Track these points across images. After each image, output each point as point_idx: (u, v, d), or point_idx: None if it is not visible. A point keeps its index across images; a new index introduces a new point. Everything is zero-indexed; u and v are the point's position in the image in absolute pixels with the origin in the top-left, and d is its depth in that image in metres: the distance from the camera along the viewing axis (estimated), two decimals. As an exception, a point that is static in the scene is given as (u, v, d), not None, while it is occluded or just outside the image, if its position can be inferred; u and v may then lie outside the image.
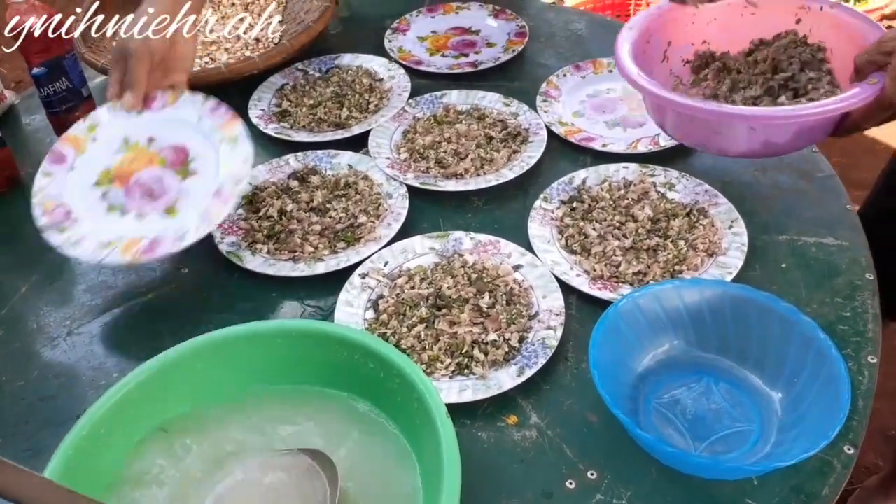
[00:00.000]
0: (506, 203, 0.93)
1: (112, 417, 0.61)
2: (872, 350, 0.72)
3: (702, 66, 0.92)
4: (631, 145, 0.96)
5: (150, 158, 0.87)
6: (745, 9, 0.91)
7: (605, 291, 0.78)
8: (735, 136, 0.80)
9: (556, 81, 1.09)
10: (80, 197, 0.86)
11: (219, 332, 0.66)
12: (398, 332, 0.76)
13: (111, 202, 0.86)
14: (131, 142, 0.89)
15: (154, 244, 0.80)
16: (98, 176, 0.88)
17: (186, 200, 0.84)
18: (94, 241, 0.81)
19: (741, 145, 0.80)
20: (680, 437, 0.66)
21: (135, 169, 0.87)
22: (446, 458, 0.54)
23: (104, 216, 0.84)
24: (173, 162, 0.87)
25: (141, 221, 0.83)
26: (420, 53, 1.20)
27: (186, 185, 0.85)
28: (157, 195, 0.85)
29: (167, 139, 0.88)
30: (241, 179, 0.83)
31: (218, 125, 0.88)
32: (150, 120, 0.90)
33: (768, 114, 0.76)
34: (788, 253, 0.82)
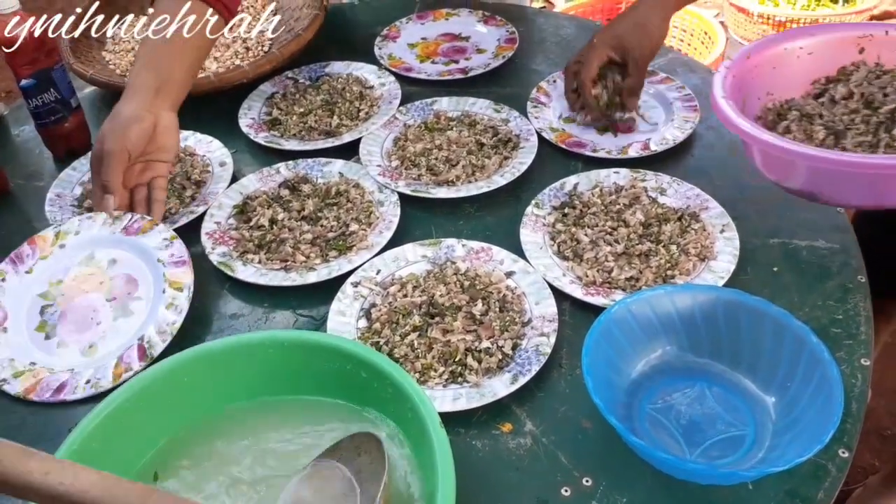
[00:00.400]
0: (498, 210, 0.93)
1: (103, 432, 0.60)
2: (865, 353, 0.72)
3: (776, 119, 0.87)
4: (622, 150, 0.96)
5: (101, 283, 0.84)
6: (800, 49, 0.87)
7: (598, 297, 0.78)
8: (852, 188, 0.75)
9: (546, 87, 1.09)
10: (21, 304, 0.83)
11: (208, 345, 0.66)
12: (391, 341, 0.76)
13: (44, 319, 0.82)
14: (95, 258, 0.86)
15: (56, 388, 0.76)
16: (47, 287, 0.84)
17: (106, 344, 0.79)
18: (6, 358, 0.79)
19: (853, 196, 0.77)
20: (674, 442, 0.65)
21: (83, 290, 0.84)
22: (440, 468, 0.54)
23: (31, 333, 0.81)
24: (118, 295, 0.83)
25: (58, 352, 0.80)
26: (410, 60, 1.20)
27: (117, 324, 0.81)
28: (84, 329, 0.81)
29: (125, 266, 0.85)
30: (163, 337, 0.78)
31: (170, 272, 0.83)
32: (121, 241, 0.86)
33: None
34: (780, 257, 0.83)
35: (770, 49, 0.87)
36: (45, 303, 0.84)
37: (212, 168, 1.01)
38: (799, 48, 0.88)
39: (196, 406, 0.65)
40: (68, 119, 1.05)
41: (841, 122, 0.82)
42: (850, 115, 0.82)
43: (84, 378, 0.76)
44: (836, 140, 0.81)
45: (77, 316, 0.82)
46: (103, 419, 0.60)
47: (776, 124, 0.87)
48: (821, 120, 0.84)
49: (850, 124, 0.81)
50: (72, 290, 0.84)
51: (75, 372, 0.77)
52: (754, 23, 2.14)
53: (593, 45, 0.98)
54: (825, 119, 0.83)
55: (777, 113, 0.87)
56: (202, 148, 1.04)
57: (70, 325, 0.82)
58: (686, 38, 2.22)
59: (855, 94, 0.83)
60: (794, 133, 0.84)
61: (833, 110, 0.84)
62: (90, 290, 0.84)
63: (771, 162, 0.80)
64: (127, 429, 0.62)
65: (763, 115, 0.88)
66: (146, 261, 0.84)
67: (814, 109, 0.85)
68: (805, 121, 0.84)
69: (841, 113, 0.83)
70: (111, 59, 1.20)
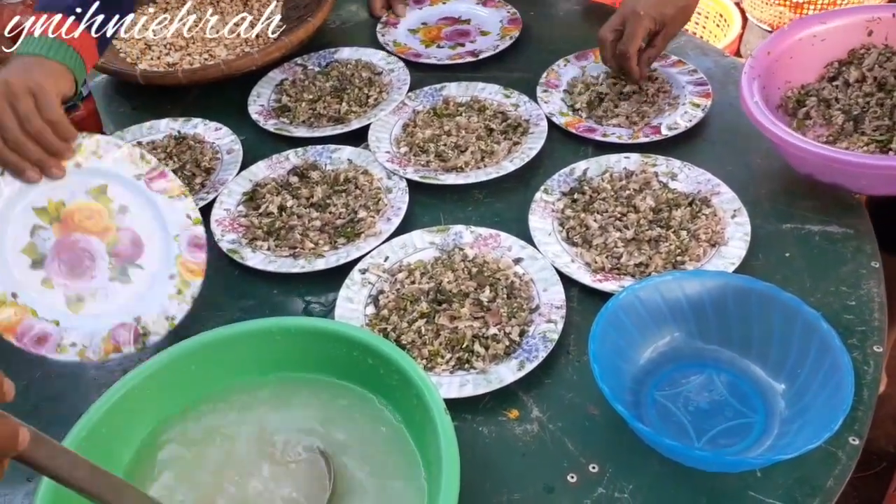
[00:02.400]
0: (506, 196, 0.92)
1: (112, 417, 0.61)
2: (878, 339, 0.71)
3: (795, 106, 0.91)
4: (633, 135, 0.95)
5: (106, 228, 0.75)
6: (814, 37, 0.91)
7: (607, 283, 0.77)
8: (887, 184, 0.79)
9: (557, 71, 1.08)
10: (11, 213, 0.73)
11: (217, 331, 0.67)
12: (399, 328, 0.76)
13: (34, 242, 0.73)
14: (107, 195, 0.76)
15: (39, 337, 0.71)
16: (46, 203, 0.74)
17: (96, 304, 0.73)
18: None
19: (886, 188, 0.81)
20: (682, 429, 0.65)
21: (84, 228, 0.75)
22: (445, 454, 0.54)
23: (16, 253, 0.73)
24: (120, 252, 0.75)
25: (41, 289, 0.72)
26: (416, 46, 1.19)
27: (112, 287, 0.74)
28: (76, 275, 0.74)
29: (136, 221, 0.77)
30: (159, 328, 0.73)
31: (184, 257, 0.77)
32: (140, 190, 0.77)
33: None
34: (792, 242, 0.81)
35: (787, 40, 0.91)
36: (38, 222, 0.74)
37: (221, 155, 1.01)
38: (812, 36, 0.90)
39: (202, 392, 0.66)
40: (80, 107, 1.05)
41: (857, 105, 0.85)
42: (865, 99, 0.85)
43: (70, 339, 0.72)
44: (855, 125, 0.83)
45: (71, 255, 0.74)
46: (109, 407, 0.61)
47: (796, 111, 0.90)
48: (838, 104, 0.87)
49: (865, 107, 0.85)
50: (72, 220, 0.75)
51: (61, 327, 0.72)
52: (771, 4, 2.10)
53: (639, 15, 0.95)
54: (842, 103, 0.86)
55: (796, 100, 0.90)
56: (211, 135, 1.04)
57: (61, 262, 0.74)
58: (700, 21, 2.19)
59: (868, 78, 0.86)
60: (814, 119, 0.87)
61: (848, 93, 0.87)
62: (92, 231, 0.75)
63: (805, 161, 0.82)
64: (133, 413, 0.62)
65: (783, 104, 0.91)
66: (160, 229, 0.77)
67: (830, 94, 0.88)
68: (823, 106, 0.87)
69: (856, 96, 0.86)
70: (122, 47, 1.20)
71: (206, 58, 1.17)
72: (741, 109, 0.87)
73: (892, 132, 0.82)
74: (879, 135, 0.83)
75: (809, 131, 0.88)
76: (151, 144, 1.04)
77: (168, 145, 1.03)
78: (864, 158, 0.76)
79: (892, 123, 0.83)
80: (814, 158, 0.78)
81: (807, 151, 0.77)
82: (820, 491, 0.60)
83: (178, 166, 0.99)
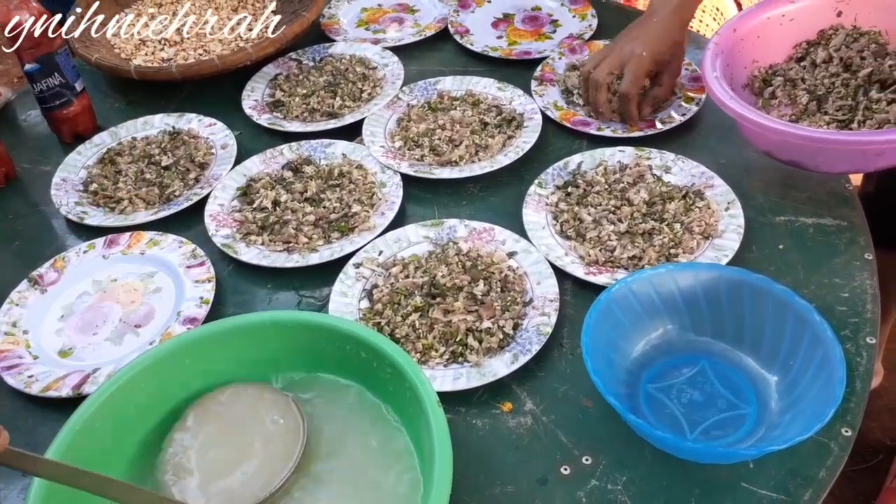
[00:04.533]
0: (501, 189, 0.92)
1: (104, 411, 0.61)
2: (871, 331, 0.71)
3: (762, 85, 0.91)
4: (627, 129, 0.95)
5: (134, 301, 0.83)
6: (782, 17, 0.90)
7: (600, 276, 0.77)
8: (844, 159, 0.79)
9: (551, 65, 1.08)
10: (83, 279, 0.85)
11: (210, 325, 0.67)
12: (393, 322, 0.76)
13: (74, 302, 0.83)
14: (152, 279, 0.85)
15: (12, 365, 0.76)
16: (104, 277, 0.85)
17: (80, 355, 0.78)
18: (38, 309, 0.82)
19: (844, 166, 0.81)
20: (675, 421, 0.65)
21: (118, 300, 0.83)
22: (437, 446, 0.55)
23: (55, 306, 0.83)
24: (130, 320, 0.81)
25: (52, 334, 0.80)
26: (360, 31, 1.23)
27: (103, 346, 0.79)
28: (84, 331, 0.80)
29: (160, 300, 0.82)
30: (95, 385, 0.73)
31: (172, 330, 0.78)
32: (176, 273, 0.84)
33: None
34: (786, 234, 0.82)
35: (754, 19, 0.90)
36: (88, 290, 0.85)
37: (215, 150, 1.01)
38: (781, 15, 0.90)
39: (195, 385, 0.66)
40: (73, 102, 1.05)
41: (822, 85, 0.85)
42: (831, 79, 0.85)
43: (31, 372, 0.76)
44: (819, 104, 0.85)
45: (92, 316, 0.82)
46: (102, 402, 0.61)
47: (762, 90, 0.90)
48: (804, 84, 0.87)
49: (830, 88, 0.85)
50: (113, 292, 0.84)
51: (37, 361, 0.77)
52: (768, -2, 2.11)
53: (641, 56, 0.91)
54: (808, 83, 0.87)
55: (763, 79, 0.90)
56: (205, 130, 1.04)
57: (80, 320, 0.82)
58: (696, 14, 2.18)
59: (834, 59, 0.86)
60: (779, 98, 0.88)
61: (815, 74, 0.87)
62: (122, 302, 0.83)
63: (763, 138, 0.82)
64: (126, 407, 0.62)
65: (749, 83, 0.91)
66: (173, 306, 0.81)
67: (797, 74, 0.88)
68: (789, 85, 0.88)
69: (822, 76, 0.86)
70: (116, 43, 1.20)
71: (200, 53, 1.17)
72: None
73: (854, 112, 0.82)
74: (842, 115, 0.83)
75: (774, 111, 0.88)
76: (146, 140, 1.04)
77: (162, 140, 1.03)
78: (817, 133, 0.75)
79: (854, 104, 0.83)
80: (770, 135, 0.77)
81: (763, 126, 0.76)
82: (812, 482, 0.61)
83: (172, 161, 0.99)
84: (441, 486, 0.52)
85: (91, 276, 0.86)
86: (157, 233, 0.89)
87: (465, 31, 1.17)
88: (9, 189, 1.02)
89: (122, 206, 0.94)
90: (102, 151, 1.03)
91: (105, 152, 1.03)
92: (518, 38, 1.17)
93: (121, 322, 0.81)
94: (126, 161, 1.00)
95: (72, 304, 0.84)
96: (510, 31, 1.18)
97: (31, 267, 0.87)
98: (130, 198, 0.95)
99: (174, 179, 0.97)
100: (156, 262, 0.86)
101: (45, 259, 0.88)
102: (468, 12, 1.22)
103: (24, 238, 0.94)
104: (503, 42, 1.16)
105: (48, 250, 0.91)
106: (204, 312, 0.79)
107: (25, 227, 0.96)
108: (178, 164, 0.99)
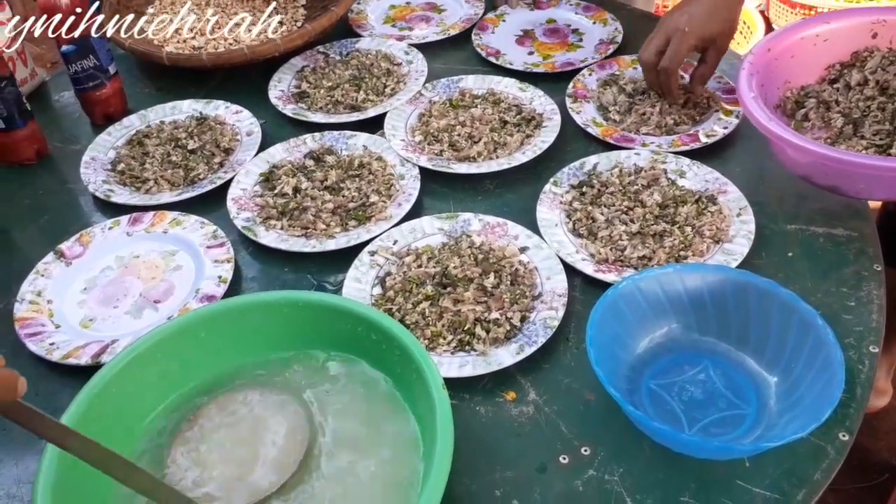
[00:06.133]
0: (517, 187, 0.94)
1: (121, 378, 0.63)
2: (874, 340, 0.72)
3: (794, 107, 0.90)
4: (672, 143, 0.95)
5: (153, 277, 0.85)
6: (816, 37, 0.89)
7: (609, 274, 0.78)
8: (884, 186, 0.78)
9: (583, 81, 1.07)
10: (108, 253, 0.88)
11: (227, 301, 0.69)
12: (403, 308, 0.77)
13: (96, 275, 0.86)
14: (173, 256, 0.87)
15: (35, 332, 0.79)
16: (126, 254, 0.88)
17: (100, 326, 0.80)
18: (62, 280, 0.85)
19: (884, 192, 0.80)
20: (675, 417, 0.66)
21: (139, 275, 0.86)
22: (440, 426, 0.56)
23: (79, 280, 0.86)
24: (150, 295, 0.83)
25: (74, 305, 0.83)
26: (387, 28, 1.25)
27: (122, 318, 0.81)
28: (104, 303, 0.83)
29: (180, 277, 0.85)
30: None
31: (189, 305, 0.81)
32: (198, 253, 0.87)
33: None
34: (796, 242, 0.82)
35: (788, 39, 0.89)
36: (111, 265, 0.87)
37: (240, 137, 1.04)
38: (815, 35, 0.89)
39: (210, 360, 0.68)
40: (106, 85, 1.08)
41: (857, 109, 0.84)
42: (867, 102, 0.83)
43: (53, 339, 0.78)
44: (855, 128, 0.82)
45: (112, 290, 0.85)
46: (122, 368, 0.64)
47: (794, 112, 0.88)
48: (838, 107, 0.85)
49: (866, 111, 0.83)
50: (134, 268, 0.87)
51: (59, 330, 0.79)
52: (796, 13, 2.10)
53: (684, 32, 0.92)
54: (842, 106, 0.85)
55: (795, 101, 0.89)
56: (232, 118, 1.07)
57: (102, 293, 0.84)
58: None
59: (870, 81, 0.85)
60: (812, 121, 0.86)
61: (849, 97, 0.85)
62: (143, 278, 0.86)
63: (802, 162, 0.81)
64: (142, 379, 0.65)
65: (782, 104, 0.90)
66: (192, 283, 0.84)
67: (830, 96, 0.86)
68: (822, 108, 0.86)
69: (857, 99, 0.84)
70: (149, 29, 1.23)
71: (230, 42, 1.20)
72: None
73: (892, 137, 0.81)
74: (879, 139, 0.82)
75: (807, 133, 0.87)
76: (174, 124, 1.07)
77: (190, 125, 1.06)
78: (860, 158, 0.75)
79: (892, 128, 0.82)
80: (810, 158, 0.77)
81: (803, 150, 0.76)
82: (807, 483, 0.62)
83: (198, 146, 1.02)
84: (441, 464, 0.54)
85: (115, 251, 0.89)
86: (180, 213, 0.91)
87: (495, 52, 1.16)
88: (40, 166, 1.05)
89: (148, 186, 0.97)
90: (131, 133, 1.06)
91: (134, 134, 1.06)
92: (548, 51, 1.17)
93: (141, 297, 0.84)
94: (154, 143, 1.03)
95: (95, 278, 0.86)
96: (538, 46, 1.19)
97: (58, 241, 0.90)
98: (156, 178, 0.97)
99: (199, 163, 0.99)
100: (177, 241, 0.89)
101: (71, 234, 0.91)
102: (489, 34, 1.22)
103: (52, 213, 0.98)
104: (536, 57, 1.15)
105: (75, 225, 0.94)
106: (222, 291, 0.81)
107: (54, 203, 0.99)
108: (203, 149, 1.02)
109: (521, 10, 1.27)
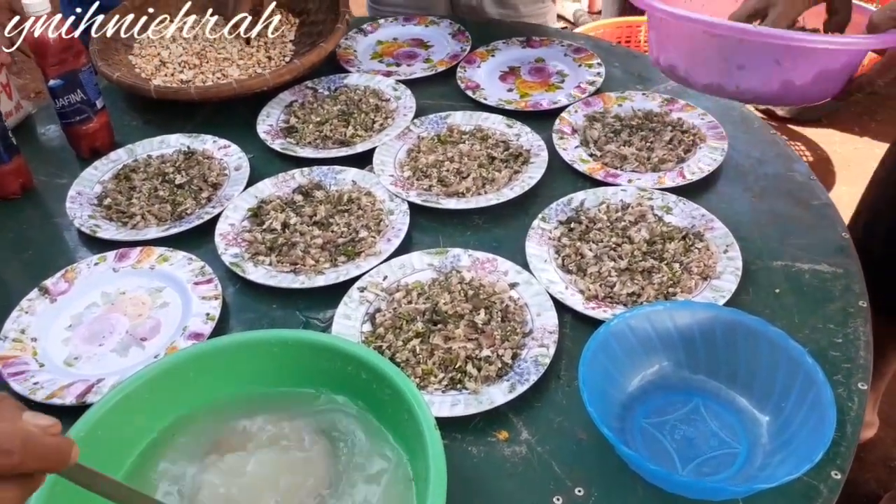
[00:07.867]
0: (506, 222, 0.94)
1: (109, 420, 0.62)
2: (863, 377, 0.72)
3: None
4: (658, 181, 0.96)
5: (141, 315, 0.84)
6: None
7: (599, 311, 0.79)
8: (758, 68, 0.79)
9: (568, 118, 1.08)
10: (92, 291, 0.87)
11: (216, 340, 0.68)
12: (394, 346, 0.77)
13: (82, 312, 0.84)
14: (161, 293, 0.86)
15: (18, 372, 0.77)
16: (112, 290, 0.87)
17: (85, 366, 0.79)
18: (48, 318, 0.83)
19: (759, 82, 0.80)
20: (668, 457, 0.66)
21: (125, 312, 0.84)
22: (433, 468, 0.55)
23: (71, 316, 0.84)
24: (137, 333, 0.82)
25: (59, 343, 0.81)
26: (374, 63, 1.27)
27: (108, 356, 0.80)
28: (90, 341, 0.82)
29: (167, 314, 0.84)
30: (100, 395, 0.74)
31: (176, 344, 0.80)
32: (184, 289, 0.86)
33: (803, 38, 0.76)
34: (783, 279, 0.83)
35: None
36: (97, 301, 0.86)
37: (228, 171, 1.03)
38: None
39: (198, 399, 0.67)
40: (93, 119, 1.08)
41: None
42: None
43: (36, 379, 0.77)
44: None
45: (98, 327, 0.83)
46: (106, 411, 0.62)
47: None
48: None
49: None
50: (121, 305, 0.86)
51: (43, 370, 0.78)
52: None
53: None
54: None
55: None
56: (219, 152, 1.07)
57: (87, 330, 0.83)
58: None
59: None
60: None
61: None
62: (129, 315, 0.84)
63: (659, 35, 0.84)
64: (131, 417, 0.63)
65: None
66: (180, 321, 0.83)
67: None
68: None
69: None
70: (137, 62, 1.24)
71: (218, 77, 1.20)
72: (739, 149, 0.88)
73: None
74: None
75: None
76: (161, 158, 1.07)
77: (177, 159, 1.06)
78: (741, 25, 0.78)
79: None
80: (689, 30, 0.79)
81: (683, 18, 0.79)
82: (800, 523, 0.61)
83: (186, 180, 1.01)
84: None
85: (100, 287, 0.88)
86: (167, 249, 0.91)
87: (475, 86, 1.18)
88: (25, 200, 1.04)
89: (135, 222, 0.96)
90: (118, 167, 1.06)
91: (120, 168, 1.06)
92: (528, 89, 1.19)
93: (127, 334, 0.83)
94: (140, 178, 1.03)
95: (80, 315, 0.85)
96: (519, 84, 1.20)
97: (42, 276, 0.89)
98: (143, 213, 0.97)
99: (187, 198, 0.99)
100: (164, 278, 0.88)
101: (56, 269, 0.90)
102: (474, 68, 1.23)
103: (36, 248, 0.96)
104: (514, 95, 1.17)
105: (60, 261, 0.93)
106: (209, 328, 0.80)
107: (39, 238, 0.98)
108: (191, 183, 1.01)
109: (514, 47, 1.28)
